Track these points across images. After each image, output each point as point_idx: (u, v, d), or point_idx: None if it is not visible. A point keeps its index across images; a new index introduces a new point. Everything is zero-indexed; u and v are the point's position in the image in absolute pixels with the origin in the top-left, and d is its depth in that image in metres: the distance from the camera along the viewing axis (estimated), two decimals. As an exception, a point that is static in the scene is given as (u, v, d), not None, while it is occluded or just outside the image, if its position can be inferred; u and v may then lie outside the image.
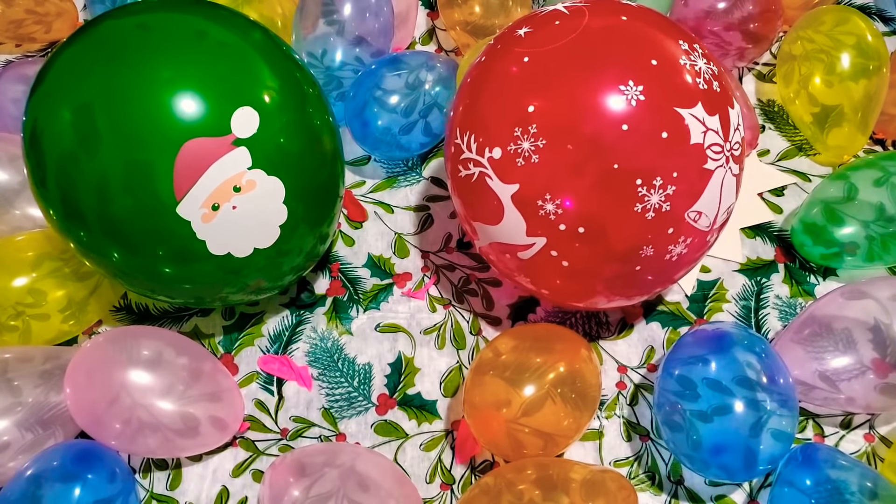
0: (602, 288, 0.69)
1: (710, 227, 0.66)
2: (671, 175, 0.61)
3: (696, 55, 0.64)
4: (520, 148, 0.63)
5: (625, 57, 0.62)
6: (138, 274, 0.69)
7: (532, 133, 0.62)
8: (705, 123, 0.62)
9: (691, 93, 0.62)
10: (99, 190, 0.62)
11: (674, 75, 0.62)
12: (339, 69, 0.92)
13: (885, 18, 1.06)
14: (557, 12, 0.67)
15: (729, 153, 0.64)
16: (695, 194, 0.63)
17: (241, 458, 0.76)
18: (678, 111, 0.61)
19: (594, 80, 0.61)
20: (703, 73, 0.63)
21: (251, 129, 0.63)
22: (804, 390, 0.74)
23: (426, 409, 0.79)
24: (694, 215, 0.64)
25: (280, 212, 0.68)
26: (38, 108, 0.64)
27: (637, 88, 0.60)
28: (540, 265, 0.68)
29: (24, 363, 0.72)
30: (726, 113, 0.64)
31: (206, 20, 0.67)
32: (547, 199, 0.63)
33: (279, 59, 0.69)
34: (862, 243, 0.81)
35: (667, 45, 0.64)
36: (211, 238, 0.65)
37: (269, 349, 0.82)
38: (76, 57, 0.64)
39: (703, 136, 0.62)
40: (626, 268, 0.66)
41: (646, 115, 0.60)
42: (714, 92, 0.63)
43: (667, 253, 0.65)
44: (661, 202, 0.61)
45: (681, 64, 0.63)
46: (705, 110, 0.62)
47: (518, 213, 0.65)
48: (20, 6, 1.02)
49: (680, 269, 0.70)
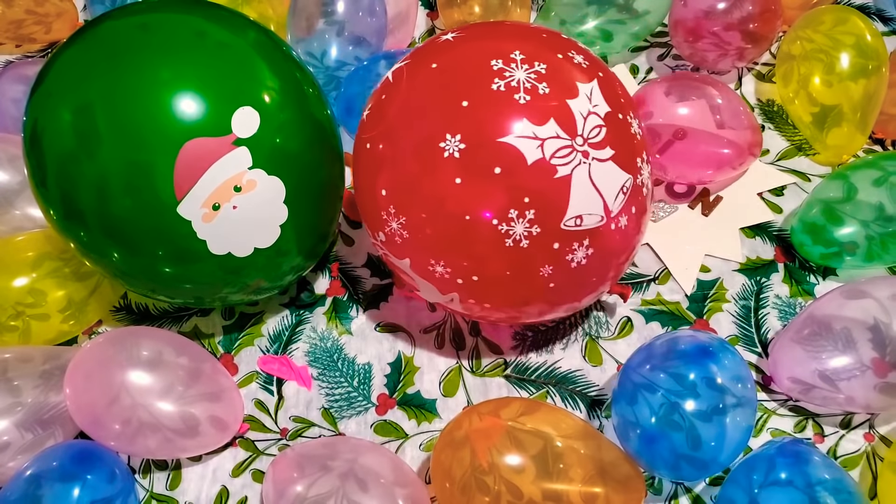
0: (543, 304, 0.70)
1: (607, 218, 0.64)
2: (522, 202, 0.61)
3: (514, 66, 0.62)
4: (391, 229, 0.66)
5: (437, 110, 0.63)
6: (139, 274, 0.69)
7: (393, 213, 0.65)
8: (537, 136, 0.60)
9: (512, 114, 0.61)
10: (99, 190, 0.62)
11: (488, 107, 0.61)
12: (337, 69, 0.92)
13: (885, 18, 1.06)
14: (386, 81, 0.68)
15: (584, 146, 0.62)
16: (560, 205, 0.62)
17: (240, 457, 0.76)
18: (502, 141, 0.60)
19: (418, 146, 0.63)
20: (521, 85, 0.61)
21: (252, 129, 0.64)
22: (804, 390, 0.74)
23: (426, 408, 0.79)
24: (573, 221, 0.63)
25: (280, 211, 0.68)
26: (38, 109, 0.64)
27: (455, 139, 0.61)
28: (474, 310, 0.70)
29: (23, 363, 0.73)
30: (565, 109, 0.62)
31: (205, 20, 0.67)
32: (433, 264, 0.65)
33: (279, 59, 0.69)
34: (861, 243, 0.81)
35: (477, 76, 0.62)
36: (211, 238, 0.65)
37: (269, 349, 0.82)
38: (76, 57, 0.64)
39: (539, 150, 0.60)
40: (541, 288, 0.66)
41: (471, 160, 0.61)
42: (540, 97, 0.61)
43: (570, 263, 0.65)
44: (528, 228, 0.62)
45: (493, 90, 0.61)
46: (533, 123, 0.61)
47: (423, 279, 0.68)
48: (20, 6, 1.02)
49: (610, 259, 0.68)
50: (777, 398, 0.78)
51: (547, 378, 0.80)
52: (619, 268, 0.71)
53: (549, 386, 0.79)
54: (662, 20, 1.00)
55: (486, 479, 0.64)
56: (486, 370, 0.80)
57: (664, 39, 1.04)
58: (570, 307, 0.73)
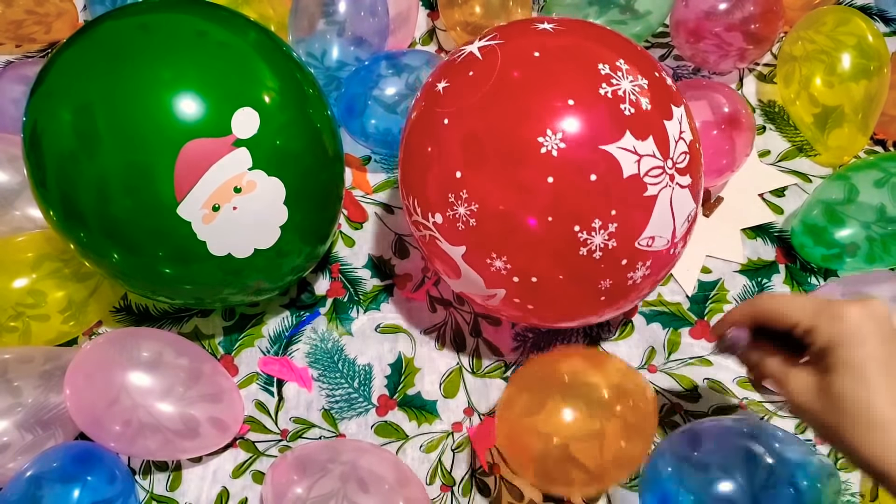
0: (589, 315, 0.69)
1: (671, 243, 0.65)
2: (609, 214, 0.59)
3: (620, 74, 0.60)
4: (456, 213, 0.62)
5: (540, 103, 0.59)
6: (138, 275, 0.69)
7: (464, 198, 0.61)
8: (637, 151, 0.59)
9: (617, 124, 0.59)
10: (99, 191, 0.62)
11: (594, 111, 0.59)
12: (338, 69, 0.92)
13: (886, 19, 1.06)
14: (472, 57, 0.64)
15: (672, 170, 0.61)
16: (640, 224, 0.61)
17: (241, 458, 0.76)
18: (604, 149, 0.58)
19: (513, 137, 0.59)
20: (627, 96, 0.60)
21: (252, 130, 0.63)
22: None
23: (426, 409, 0.79)
24: (646, 242, 0.62)
25: (280, 212, 0.68)
26: (38, 109, 0.64)
27: (556, 137, 0.58)
28: (510, 307, 0.68)
29: (24, 364, 0.72)
30: (661, 129, 0.61)
31: (205, 20, 0.67)
32: (494, 258, 0.63)
33: (279, 60, 0.69)
34: (862, 244, 0.81)
35: (584, 78, 0.60)
36: (211, 239, 0.65)
37: (270, 350, 0.82)
38: (76, 58, 0.64)
39: (636, 165, 0.59)
40: (591, 299, 0.65)
41: (569, 162, 0.58)
42: (643, 112, 0.60)
43: (627, 280, 0.64)
44: (606, 241, 0.60)
45: (601, 95, 0.59)
46: (635, 137, 0.59)
47: (472, 270, 0.65)
48: (20, 6, 1.02)
49: (654, 282, 0.69)
50: (777, 400, 0.78)
51: (548, 379, 0.80)
52: (652, 288, 0.71)
53: (549, 387, 0.79)
54: (664, 21, 1.00)
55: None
56: (487, 371, 0.80)
57: (665, 40, 1.04)
58: (598, 318, 0.72)
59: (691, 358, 0.81)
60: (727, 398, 0.78)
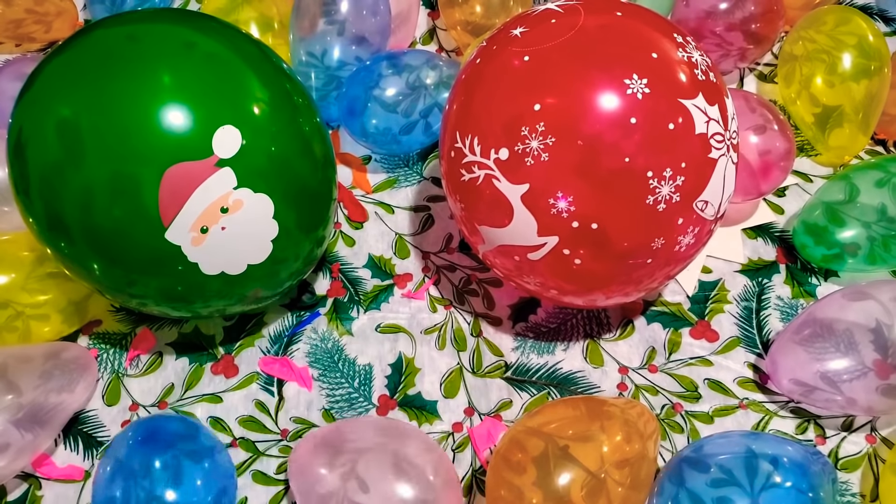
0: (610, 284, 0.69)
1: (715, 216, 0.67)
2: (680, 166, 0.62)
3: (691, 47, 0.66)
4: (528, 147, 0.62)
5: (625, 52, 0.63)
6: (122, 288, 0.68)
7: (540, 131, 0.62)
8: (707, 113, 0.63)
9: (692, 84, 0.63)
10: (83, 202, 0.61)
11: (674, 67, 0.63)
12: (339, 69, 0.92)
13: (887, 19, 1.06)
14: (551, 11, 0.67)
15: (729, 142, 0.65)
16: (702, 184, 0.64)
17: (241, 458, 0.76)
18: (682, 102, 0.62)
19: (599, 76, 0.62)
20: (699, 65, 0.65)
21: (233, 149, 0.62)
22: (805, 392, 0.74)
23: (426, 409, 0.78)
24: (701, 205, 0.64)
25: (270, 227, 0.67)
26: (24, 117, 0.63)
27: (642, 82, 0.61)
28: (550, 265, 0.67)
29: (23, 363, 0.72)
30: (724, 103, 0.65)
31: (195, 31, 0.66)
32: (559, 197, 0.63)
33: (268, 71, 0.68)
34: (863, 244, 0.81)
35: (663, 39, 0.65)
36: (203, 260, 0.64)
37: (270, 350, 0.82)
38: (63, 66, 0.63)
39: (706, 125, 0.63)
40: (638, 261, 0.66)
41: (652, 107, 0.61)
42: (711, 83, 0.65)
43: (676, 244, 0.66)
44: (672, 193, 0.62)
45: (679, 56, 0.64)
46: (706, 100, 0.63)
47: (528, 212, 0.64)
48: (20, 6, 1.02)
49: (683, 260, 0.70)
50: (778, 400, 0.78)
51: (548, 379, 0.80)
52: (680, 268, 0.72)
53: (550, 387, 0.79)
54: (664, 20, 1.00)
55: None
56: (487, 371, 0.80)
57: (666, 39, 1.04)
58: (633, 292, 0.73)
59: (691, 358, 0.81)
60: (727, 398, 0.78)
